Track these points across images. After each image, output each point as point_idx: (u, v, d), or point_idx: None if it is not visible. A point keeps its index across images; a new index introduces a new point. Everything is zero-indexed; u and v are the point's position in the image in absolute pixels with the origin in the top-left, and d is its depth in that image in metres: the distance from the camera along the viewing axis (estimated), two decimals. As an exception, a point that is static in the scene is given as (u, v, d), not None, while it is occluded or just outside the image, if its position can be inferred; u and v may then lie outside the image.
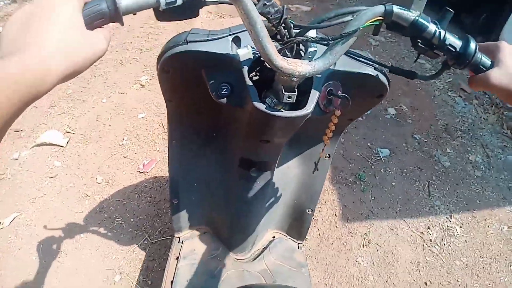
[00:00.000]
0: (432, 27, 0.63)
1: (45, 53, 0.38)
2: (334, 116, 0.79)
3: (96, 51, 0.45)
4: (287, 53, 0.70)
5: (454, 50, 0.64)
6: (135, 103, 2.49)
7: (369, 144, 2.43)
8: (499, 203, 2.21)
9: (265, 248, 1.33)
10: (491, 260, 1.93)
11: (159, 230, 1.82)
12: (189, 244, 1.29)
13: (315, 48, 0.69)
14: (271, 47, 0.58)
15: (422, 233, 1.99)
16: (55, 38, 0.40)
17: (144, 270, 1.67)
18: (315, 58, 0.64)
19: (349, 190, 2.14)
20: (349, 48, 0.69)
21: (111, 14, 0.47)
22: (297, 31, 0.68)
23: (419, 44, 0.65)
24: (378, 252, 1.88)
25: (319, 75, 0.75)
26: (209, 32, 0.77)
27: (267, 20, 0.64)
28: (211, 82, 0.78)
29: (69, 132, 2.25)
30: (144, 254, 1.72)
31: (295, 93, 0.68)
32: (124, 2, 0.47)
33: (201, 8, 0.58)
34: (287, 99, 0.68)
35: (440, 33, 0.63)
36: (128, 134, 2.28)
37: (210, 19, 3.40)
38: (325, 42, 0.65)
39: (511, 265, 1.91)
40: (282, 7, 0.64)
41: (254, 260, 1.30)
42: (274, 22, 0.64)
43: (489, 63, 0.65)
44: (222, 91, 0.77)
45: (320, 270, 1.77)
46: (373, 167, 2.29)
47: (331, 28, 0.67)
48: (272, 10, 0.63)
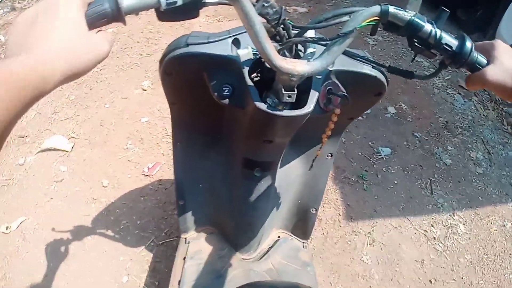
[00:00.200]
0: (428, 27, 0.64)
1: (48, 54, 0.40)
2: (334, 115, 0.81)
3: (99, 53, 0.45)
4: (287, 54, 0.71)
5: (450, 49, 0.65)
6: (138, 108, 2.51)
7: (370, 143, 2.44)
8: (502, 200, 2.21)
9: (271, 248, 1.33)
10: (495, 257, 1.94)
11: (165, 232, 1.83)
12: (196, 245, 1.29)
13: (314, 50, 0.70)
14: (270, 47, 0.59)
15: (426, 231, 2.00)
16: (58, 39, 0.41)
17: (151, 271, 1.68)
18: (314, 58, 0.65)
19: (352, 189, 2.15)
20: (348, 48, 0.70)
21: (114, 14, 0.48)
22: (296, 32, 0.69)
23: (416, 44, 0.66)
24: (382, 251, 1.89)
25: (319, 76, 0.76)
26: (209, 35, 0.78)
27: (266, 21, 0.65)
28: (213, 83, 0.79)
29: (74, 137, 2.27)
30: (151, 256, 1.74)
31: (295, 93, 0.69)
32: (126, 3, 0.48)
33: (201, 9, 0.59)
34: (287, 99, 0.69)
35: (436, 33, 0.64)
36: (132, 138, 2.29)
37: (209, 23, 3.41)
38: (323, 43, 0.67)
39: (516, 262, 1.92)
40: (281, 8, 0.65)
41: (260, 260, 1.30)
42: (273, 23, 0.65)
43: (485, 62, 0.66)
44: (224, 92, 0.79)
45: (325, 269, 1.78)
46: (375, 166, 2.30)
47: (330, 29, 0.68)
48: (271, 11, 0.64)
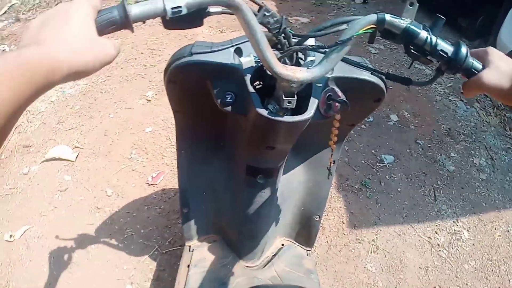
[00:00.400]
0: (424, 34, 0.65)
1: (57, 48, 0.43)
2: (335, 121, 0.82)
3: (104, 56, 0.49)
4: (287, 61, 0.73)
5: (446, 55, 0.66)
6: (142, 118, 2.54)
7: (373, 151, 2.44)
8: (505, 205, 2.20)
9: (274, 255, 1.33)
10: (500, 263, 1.93)
11: (169, 241, 1.84)
12: (200, 253, 1.29)
13: (314, 58, 0.72)
14: (271, 55, 0.61)
15: (430, 238, 1.99)
16: (67, 39, 0.45)
17: (155, 280, 1.68)
18: (313, 66, 0.67)
19: (355, 197, 2.15)
20: (347, 56, 0.72)
21: (122, 22, 0.51)
22: (296, 40, 0.71)
23: (412, 51, 0.68)
24: (386, 258, 1.88)
25: (319, 84, 0.78)
26: (212, 44, 0.80)
27: (268, 30, 0.67)
28: (216, 91, 0.81)
29: (78, 147, 2.29)
30: (155, 264, 1.74)
31: (295, 99, 0.71)
32: (134, 11, 0.51)
33: (205, 18, 0.61)
34: (287, 104, 0.70)
35: (432, 39, 0.65)
36: (136, 148, 2.31)
37: (212, 34, 3.46)
38: (322, 50, 0.68)
39: (520, 268, 1.91)
40: (281, 17, 0.67)
41: (264, 267, 1.30)
42: (274, 32, 0.67)
43: (481, 67, 0.67)
44: (227, 99, 0.81)
45: (329, 277, 1.78)
46: (378, 174, 2.30)
47: (331, 37, 0.70)
48: (272, 20, 0.66)
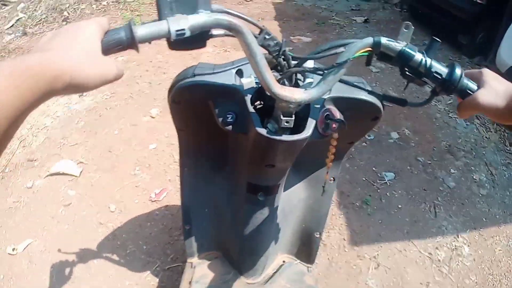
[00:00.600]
0: (419, 56, 0.67)
1: (61, 57, 0.45)
2: (333, 139, 0.85)
3: (106, 74, 0.51)
4: (286, 83, 0.75)
5: (440, 77, 0.67)
6: (146, 135, 2.57)
7: (374, 168, 2.46)
8: (506, 220, 2.21)
9: (276, 272, 1.33)
10: (501, 277, 1.92)
11: (171, 257, 1.84)
12: (201, 269, 1.29)
13: (312, 79, 0.75)
14: (269, 76, 0.63)
15: (431, 254, 1.99)
16: (71, 51, 0.47)
17: (157, 296, 1.69)
18: (311, 87, 0.69)
19: (356, 214, 2.16)
20: (345, 76, 0.75)
21: (128, 42, 0.53)
22: (296, 62, 0.73)
23: (407, 73, 0.69)
24: (388, 275, 1.88)
25: (317, 104, 0.80)
26: (215, 66, 0.83)
27: (268, 52, 0.69)
28: (218, 111, 0.84)
29: (82, 162, 2.32)
30: (157, 281, 1.74)
31: (292, 119, 0.73)
32: (140, 32, 0.53)
33: (208, 39, 0.64)
34: (285, 124, 0.73)
35: (426, 62, 0.67)
36: (140, 165, 2.34)
37: (216, 53, 3.54)
38: (320, 72, 0.71)
39: (521, 282, 1.90)
40: (282, 41, 0.69)
41: (265, 284, 1.30)
42: (274, 54, 0.70)
43: (475, 87, 0.67)
44: (228, 119, 0.83)
45: (331, 294, 1.78)
46: (379, 191, 2.31)
47: (328, 59, 0.73)
48: (272, 43, 0.68)
